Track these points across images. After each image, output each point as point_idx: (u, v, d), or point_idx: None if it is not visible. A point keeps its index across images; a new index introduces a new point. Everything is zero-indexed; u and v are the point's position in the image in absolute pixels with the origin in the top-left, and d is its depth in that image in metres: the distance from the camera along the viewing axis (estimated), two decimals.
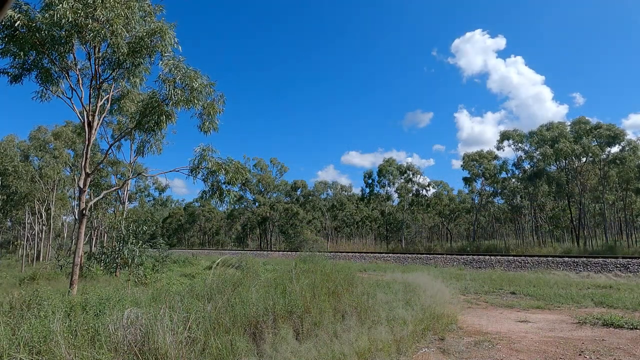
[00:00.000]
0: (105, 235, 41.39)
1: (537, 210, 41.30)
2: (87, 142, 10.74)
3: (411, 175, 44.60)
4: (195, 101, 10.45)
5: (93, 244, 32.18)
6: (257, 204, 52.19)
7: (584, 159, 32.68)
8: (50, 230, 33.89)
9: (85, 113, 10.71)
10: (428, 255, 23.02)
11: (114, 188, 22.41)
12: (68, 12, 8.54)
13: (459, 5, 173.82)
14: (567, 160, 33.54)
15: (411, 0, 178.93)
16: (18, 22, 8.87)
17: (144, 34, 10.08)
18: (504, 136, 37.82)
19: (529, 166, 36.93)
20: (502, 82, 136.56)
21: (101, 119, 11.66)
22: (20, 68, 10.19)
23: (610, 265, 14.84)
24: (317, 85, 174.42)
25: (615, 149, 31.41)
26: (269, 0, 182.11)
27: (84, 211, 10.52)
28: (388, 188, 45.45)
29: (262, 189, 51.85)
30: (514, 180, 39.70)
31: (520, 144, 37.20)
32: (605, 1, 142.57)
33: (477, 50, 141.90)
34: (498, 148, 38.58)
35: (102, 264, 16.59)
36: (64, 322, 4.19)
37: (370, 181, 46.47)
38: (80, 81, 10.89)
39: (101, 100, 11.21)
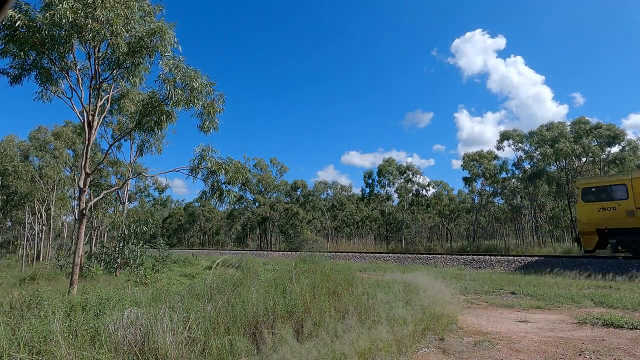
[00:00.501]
0: (106, 235, 41.39)
1: (537, 210, 41.29)
2: (87, 142, 10.74)
3: (411, 175, 44.56)
4: (196, 101, 10.45)
5: (93, 244, 32.16)
6: (257, 204, 52.16)
7: (584, 159, 32.68)
8: (50, 230, 33.88)
9: (85, 113, 10.71)
10: (428, 255, 23.02)
11: (114, 188, 22.42)
12: (68, 12, 8.55)
13: (459, 5, 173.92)
14: (567, 160, 33.53)
15: (411, 0, 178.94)
16: (18, 22, 8.88)
17: (144, 33, 10.08)
18: (504, 136, 37.82)
19: (529, 166, 36.93)
20: (502, 82, 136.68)
21: (101, 119, 11.66)
22: (20, 68, 10.19)
23: (610, 265, 14.82)
24: (317, 85, 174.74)
25: (615, 149, 31.42)
26: (269, 0, 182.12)
27: (84, 211, 10.52)
28: (388, 188, 45.43)
29: (262, 189, 51.82)
30: (514, 180, 39.71)
31: (520, 144, 37.20)
32: (605, 1, 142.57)
33: (477, 50, 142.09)
34: (498, 148, 38.61)
35: (102, 264, 16.60)
36: (64, 322, 4.19)
37: (370, 181, 46.45)
38: (80, 81, 10.89)
39: (101, 100, 11.21)
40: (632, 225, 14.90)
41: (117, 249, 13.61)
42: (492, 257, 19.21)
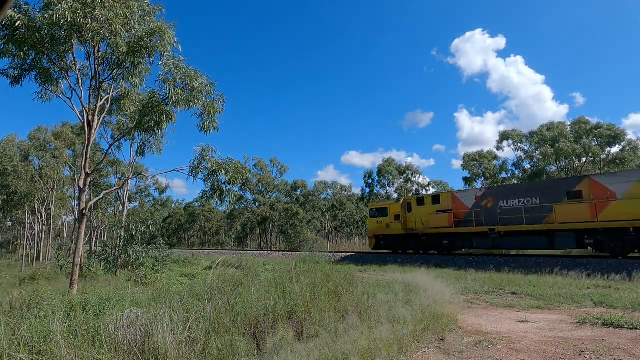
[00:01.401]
0: (106, 235, 41.40)
1: None
2: (87, 142, 10.75)
3: (410, 175, 44.61)
4: (196, 101, 10.45)
5: (93, 244, 32.18)
6: (257, 204, 52.16)
7: (584, 159, 32.69)
8: (50, 230, 33.89)
9: (85, 113, 10.71)
10: (426, 256, 23.02)
11: (114, 188, 22.42)
12: (67, 12, 8.54)
13: (459, 5, 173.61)
14: (567, 160, 33.55)
15: (411, 0, 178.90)
16: (18, 22, 8.88)
17: (144, 33, 10.08)
18: (504, 136, 37.87)
19: (529, 166, 36.98)
20: (502, 82, 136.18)
21: (101, 119, 11.66)
22: (20, 69, 10.19)
23: (610, 265, 14.83)
24: (317, 85, 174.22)
25: (615, 149, 31.45)
26: (269, 0, 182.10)
27: (84, 211, 10.52)
28: (388, 188, 45.42)
29: (262, 189, 51.83)
30: (514, 180, 39.75)
31: (519, 144, 37.26)
32: (605, 1, 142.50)
33: (477, 50, 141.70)
34: (498, 148, 38.67)
35: (104, 263, 16.61)
36: (64, 322, 4.19)
37: (370, 181, 46.47)
38: (80, 81, 10.89)
39: (101, 100, 11.21)
40: (389, 232, 23.86)
41: (119, 248, 13.62)
42: (493, 257, 19.24)
